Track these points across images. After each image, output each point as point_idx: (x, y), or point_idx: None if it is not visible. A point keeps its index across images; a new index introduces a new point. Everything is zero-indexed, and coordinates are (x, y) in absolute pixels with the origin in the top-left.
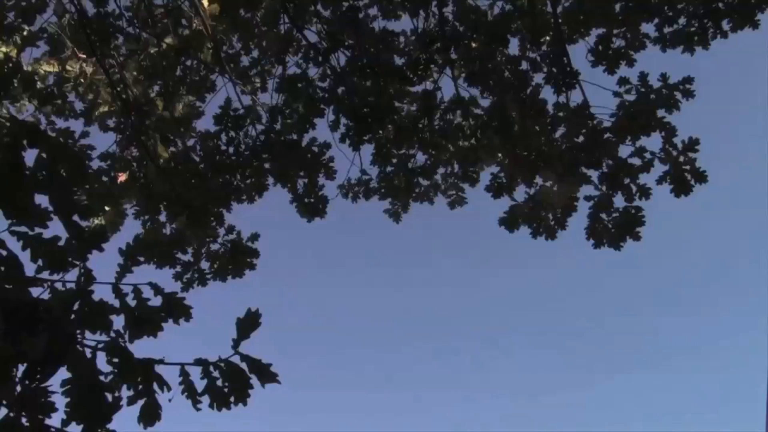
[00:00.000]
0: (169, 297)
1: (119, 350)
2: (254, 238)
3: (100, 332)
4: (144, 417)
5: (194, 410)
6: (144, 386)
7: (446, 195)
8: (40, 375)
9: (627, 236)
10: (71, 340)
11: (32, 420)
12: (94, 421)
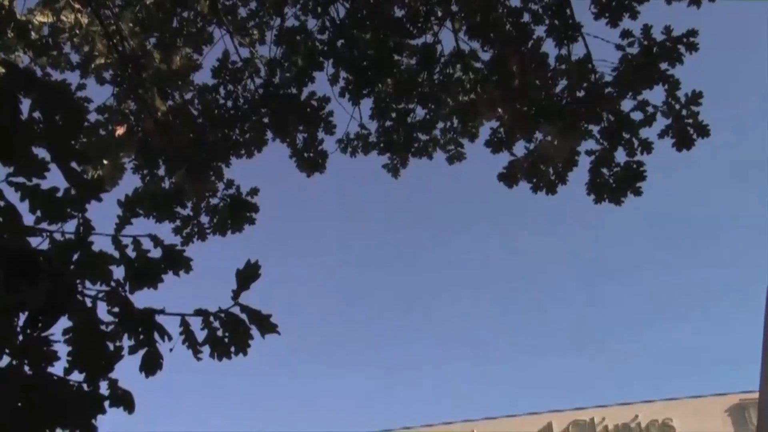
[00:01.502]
0: (169, 249)
1: (119, 299)
2: (254, 192)
3: (100, 283)
4: (145, 366)
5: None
6: (145, 336)
7: (445, 150)
8: (41, 324)
9: (628, 191)
10: (71, 290)
11: (35, 368)
12: (96, 369)
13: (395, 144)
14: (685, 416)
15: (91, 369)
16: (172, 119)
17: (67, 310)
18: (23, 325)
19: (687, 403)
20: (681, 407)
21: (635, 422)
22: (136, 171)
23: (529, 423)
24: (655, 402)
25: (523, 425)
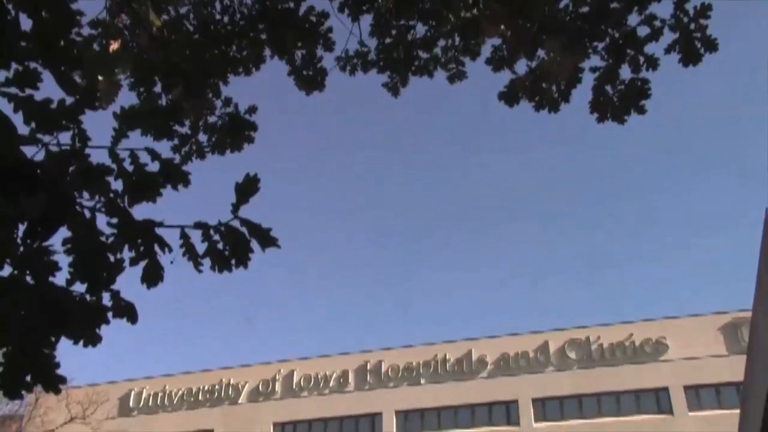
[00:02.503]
0: (167, 162)
1: (118, 210)
2: (252, 110)
3: (98, 196)
4: (147, 278)
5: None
6: (145, 247)
7: (446, 69)
8: (41, 234)
9: (632, 109)
10: (69, 200)
11: (37, 278)
12: (97, 280)
13: (395, 62)
14: (678, 335)
15: (92, 280)
16: (168, 35)
17: (65, 221)
18: (23, 236)
19: (681, 322)
20: (675, 326)
21: (629, 341)
22: (132, 88)
23: (526, 342)
24: (649, 321)
25: (521, 344)
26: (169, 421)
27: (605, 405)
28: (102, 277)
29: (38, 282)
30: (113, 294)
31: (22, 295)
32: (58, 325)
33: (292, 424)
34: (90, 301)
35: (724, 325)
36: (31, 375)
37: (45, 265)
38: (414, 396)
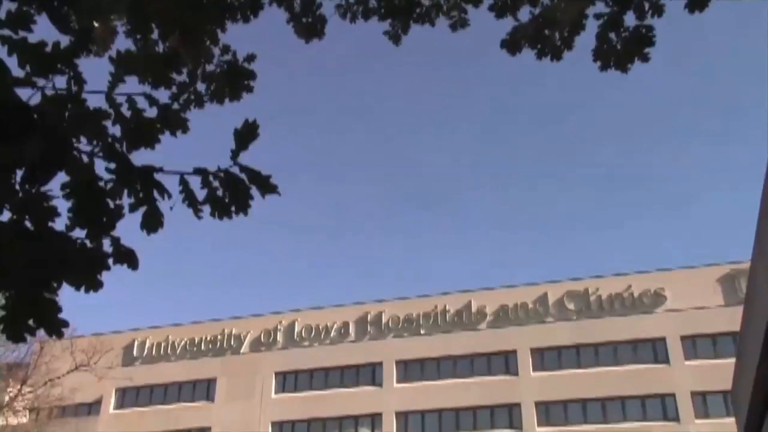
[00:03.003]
0: (165, 108)
1: (116, 155)
2: (250, 59)
3: (96, 141)
4: (146, 224)
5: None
6: (144, 193)
7: (448, 16)
8: (39, 179)
9: (635, 57)
10: (67, 144)
11: (36, 223)
12: (97, 226)
13: (396, 9)
14: (676, 286)
15: (92, 225)
16: None
17: (63, 165)
18: (21, 181)
19: (679, 273)
20: (673, 277)
21: (628, 292)
22: (128, 36)
23: (525, 293)
24: (647, 273)
25: (520, 295)
26: (173, 370)
27: (603, 355)
28: (102, 222)
29: (38, 227)
30: (113, 240)
31: (22, 240)
32: (58, 270)
33: (293, 373)
34: (90, 247)
35: (722, 276)
36: (34, 319)
37: (44, 211)
38: (414, 346)
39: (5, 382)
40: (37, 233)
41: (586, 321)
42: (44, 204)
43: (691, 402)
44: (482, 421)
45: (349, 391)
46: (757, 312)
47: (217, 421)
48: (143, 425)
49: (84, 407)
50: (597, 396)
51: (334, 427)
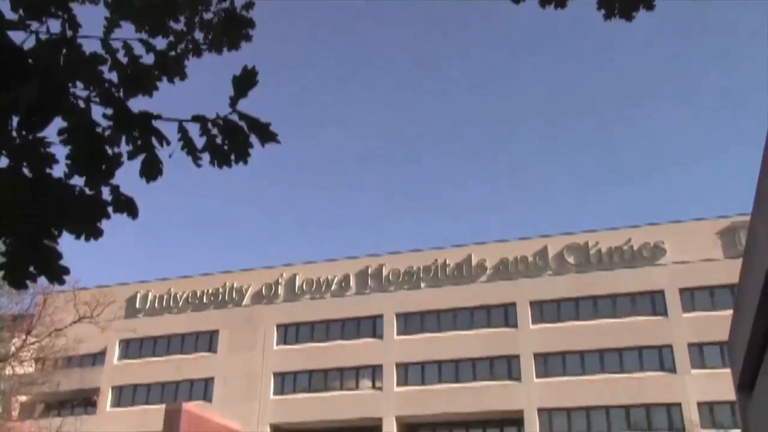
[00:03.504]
0: (162, 54)
1: (113, 100)
2: (249, 6)
3: (92, 87)
4: (145, 171)
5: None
6: (142, 140)
7: None
8: (35, 125)
9: (640, 5)
10: (62, 89)
11: (34, 170)
12: (96, 173)
13: None
14: (676, 239)
15: (91, 172)
16: None
17: (59, 110)
18: (17, 127)
19: (679, 226)
20: (673, 230)
21: (628, 245)
22: None
23: (525, 247)
24: (647, 226)
25: (520, 249)
26: (175, 322)
27: (601, 308)
28: (100, 170)
29: (36, 174)
30: (113, 188)
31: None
32: (58, 217)
33: (294, 325)
34: (89, 194)
35: (722, 229)
36: (35, 266)
37: (42, 157)
38: (414, 299)
39: (10, 333)
40: (35, 180)
41: (585, 274)
42: (42, 150)
43: (688, 353)
44: (481, 372)
45: (349, 343)
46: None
47: (219, 372)
48: (147, 376)
49: (89, 358)
50: (595, 348)
51: (335, 378)
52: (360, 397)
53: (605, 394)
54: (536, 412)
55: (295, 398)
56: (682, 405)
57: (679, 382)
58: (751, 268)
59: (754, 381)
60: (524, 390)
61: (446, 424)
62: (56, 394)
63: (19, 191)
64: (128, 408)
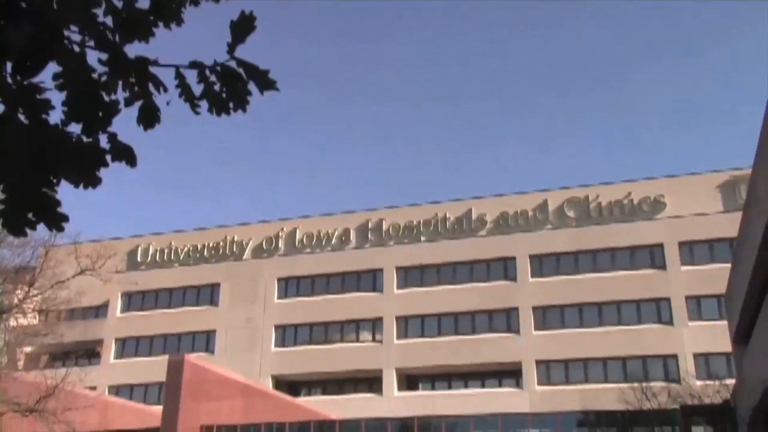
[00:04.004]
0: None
1: (109, 44)
2: None
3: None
4: (143, 118)
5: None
6: (139, 86)
7: None
8: (30, 69)
9: None
10: (56, 32)
11: (30, 116)
12: (93, 120)
13: None
14: (676, 193)
15: (88, 119)
16: None
17: (54, 54)
18: (11, 72)
19: (679, 180)
20: (673, 184)
21: (628, 199)
22: None
23: (524, 201)
24: (648, 180)
25: (520, 203)
26: (176, 275)
27: (600, 261)
28: (97, 116)
29: (32, 120)
30: (110, 136)
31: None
32: (55, 165)
33: (295, 279)
34: (87, 142)
35: (722, 183)
36: (33, 213)
37: (37, 103)
38: (414, 253)
39: (13, 284)
40: (31, 126)
41: (585, 228)
42: (37, 96)
43: (686, 306)
44: (480, 325)
45: (349, 296)
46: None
47: (221, 325)
48: (150, 328)
49: (91, 310)
50: (593, 301)
51: (336, 331)
52: (360, 349)
53: (602, 346)
54: (534, 364)
55: (296, 350)
56: (679, 356)
57: (676, 334)
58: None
59: (750, 333)
60: (522, 342)
61: (445, 375)
62: (60, 346)
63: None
64: (131, 359)
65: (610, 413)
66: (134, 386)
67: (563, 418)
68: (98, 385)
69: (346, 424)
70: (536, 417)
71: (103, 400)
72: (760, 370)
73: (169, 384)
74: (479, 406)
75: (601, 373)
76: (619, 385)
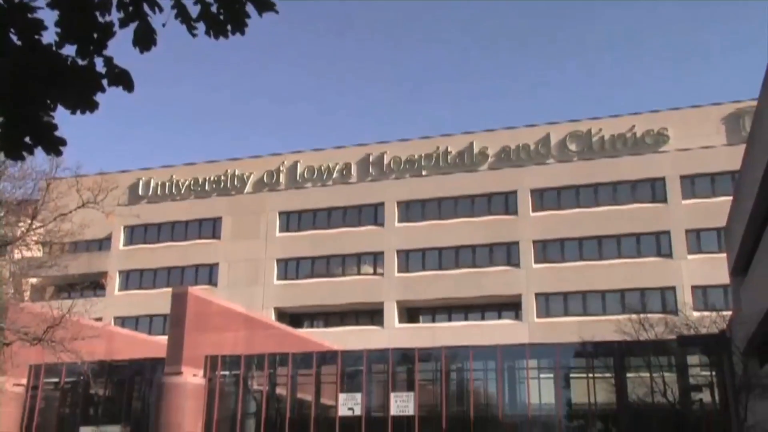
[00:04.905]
0: None
1: None
2: None
3: None
4: (139, 40)
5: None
6: (134, 6)
7: None
8: None
9: None
10: None
11: (22, 36)
12: (87, 41)
13: None
14: (680, 125)
15: (82, 40)
16: None
17: None
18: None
19: (683, 113)
20: (677, 117)
21: (631, 132)
22: None
23: (527, 134)
24: (652, 113)
25: (522, 136)
26: (178, 209)
27: (602, 195)
28: (92, 37)
29: (24, 41)
30: (106, 60)
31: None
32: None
33: (297, 213)
34: (82, 65)
35: (727, 115)
36: (30, 137)
37: (29, 23)
38: (415, 187)
39: (15, 217)
40: (24, 47)
41: (586, 162)
42: (28, 15)
43: (685, 239)
44: (481, 258)
45: (351, 230)
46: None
47: (224, 258)
48: (153, 261)
49: (95, 243)
50: (594, 234)
51: (338, 264)
52: (362, 282)
53: (602, 279)
54: (533, 296)
55: (298, 283)
56: (677, 288)
57: (675, 267)
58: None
59: (748, 265)
60: (523, 275)
61: (446, 308)
62: (65, 278)
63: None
64: (136, 291)
65: (607, 344)
66: (139, 317)
67: (561, 348)
68: (103, 316)
69: (348, 354)
70: (534, 347)
71: (109, 331)
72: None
73: (173, 316)
74: (479, 337)
75: (599, 306)
76: (617, 317)
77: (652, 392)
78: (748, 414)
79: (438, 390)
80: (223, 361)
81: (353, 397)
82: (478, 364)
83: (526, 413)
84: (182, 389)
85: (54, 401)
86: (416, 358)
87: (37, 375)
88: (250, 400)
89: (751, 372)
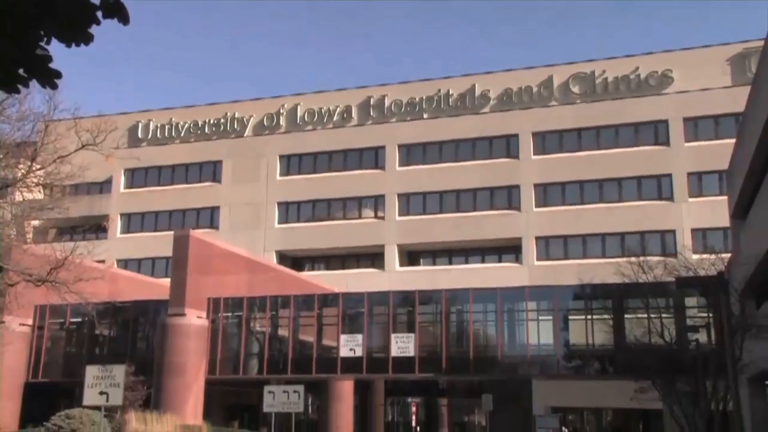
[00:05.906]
0: None
1: None
2: None
3: None
4: None
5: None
6: None
7: None
8: None
9: None
10: None
11: None
12: None
13: None
14: (684, 67)
15: None
16: None
17: None
18: None
19: (687, 54)
20: (681, 58)
21: (635, 74)
22: None
23: (529, 76)
24: (655, 54)
25: (524, 78)
26: (178, 151)
27: (604, 138)
28: None
29: None
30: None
31: None
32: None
33: (297, 156)
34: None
35: (733, 55)
36: (25, 68)
37: None
38: (416, 130)
39: (15, 159)
40: None
41: (589, 104)
42: None
43: (687, 182)
44: (482, 202)
45: (352, 173)
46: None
47: (225, 201)
48: (154, 204)
49: (95, 186)
50: (595, 177)
51: (339, 207)
52: (362, 225)
53: (602, 222)
54: (534, 239)
55: (299, 227)
56: (677, 231)
57: (676, 210)
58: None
59: (749, 208)
60: (523, 219)
61: (446, 251)
62: (67, 220)
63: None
64: (138, 234)
65: (606, 286)
66: (142, 260)
67: (560, 291)
68: (106, 258)
69: (349, 296)
70: (533, 290)
71: (112, 272)
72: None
73: (175, 258)
74: (479, 280)
75: (599, 249)
76: (616, 260)
77: (649, 333)
78: (743, 353)
79: (438, 331)
80: (225, 303)
81: (354, 338)
82: (477, 306)
83: (525, 354)
84: (186, 330)
85: (60, 341)
86: (417, 300)
87: (43, 315)
88: (252, 342)
89: (748, 313)
